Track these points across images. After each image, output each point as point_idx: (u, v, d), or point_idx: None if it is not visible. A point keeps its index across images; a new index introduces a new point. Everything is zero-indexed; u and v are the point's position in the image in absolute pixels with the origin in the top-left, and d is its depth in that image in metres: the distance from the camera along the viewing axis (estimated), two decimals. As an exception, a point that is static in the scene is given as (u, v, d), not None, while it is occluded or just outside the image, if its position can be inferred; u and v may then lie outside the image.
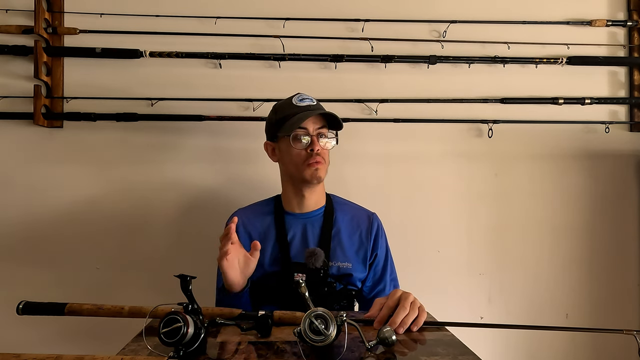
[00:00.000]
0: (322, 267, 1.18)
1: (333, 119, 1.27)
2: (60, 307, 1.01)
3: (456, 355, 0.83)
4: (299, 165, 1.26)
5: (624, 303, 1.82)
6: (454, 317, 1.12)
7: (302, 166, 1.25)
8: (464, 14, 1.75)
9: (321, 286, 1.20)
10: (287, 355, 0.82)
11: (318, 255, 1.17)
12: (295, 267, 1.20)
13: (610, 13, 1.83)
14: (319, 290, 1.19)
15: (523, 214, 1.81)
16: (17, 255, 1.70)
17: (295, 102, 1.28)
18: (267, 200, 1.41)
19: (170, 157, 1.73)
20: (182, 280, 0.85)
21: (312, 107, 1.27)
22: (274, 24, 1.72)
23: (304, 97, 1.30)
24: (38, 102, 1.63)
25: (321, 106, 1.31)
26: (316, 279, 1.18)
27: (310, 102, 1.28)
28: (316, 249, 1.20)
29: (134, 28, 1.68)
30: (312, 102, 1.29)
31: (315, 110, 1.26)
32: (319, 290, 1.19)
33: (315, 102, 1.29)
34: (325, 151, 1.28)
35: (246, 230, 1.32)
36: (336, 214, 1.35)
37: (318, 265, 1.17)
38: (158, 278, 1.69)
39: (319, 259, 1.17)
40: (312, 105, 1.27)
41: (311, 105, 1.27)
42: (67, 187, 1.70)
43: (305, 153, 1.25)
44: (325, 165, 1.28)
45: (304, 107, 1.26)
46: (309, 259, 1.18)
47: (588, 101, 1.76)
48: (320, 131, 1.26)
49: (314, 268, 1.17)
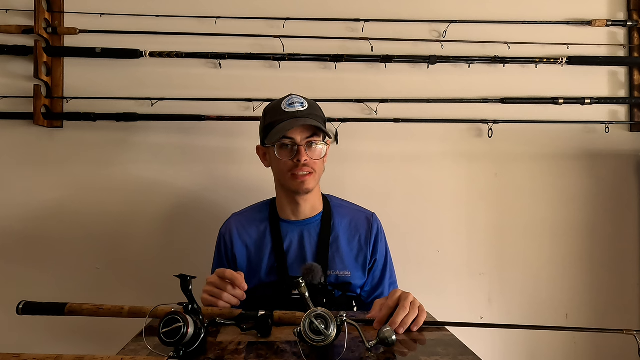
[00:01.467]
0: (320, 283, 1.12)
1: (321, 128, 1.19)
2: (60, 307, 1.01)
3: (456, 355, 0.83)
4: (285, 175, 1.21)
5: (624, 303, 1.82)
6: (454, 317, 1.12)
7: (287, 176, 1.20)
8: (464, 14, 1.75)
9: (320, 297, 1.15)
10: (287, 355, 0.82)
11: (316, 272, 1.12)
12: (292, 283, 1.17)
13: (610, 13, 1.83)
14: (318, 301, 1.14)
15: (523, 214, 1.81)
16: (17, 255, 1.70)
17: (284, 106, 1.20)
18: (262, 206, 1.36)
19: (170, 157, 1.73)
20: (182, 280, 0.85)
21: (300, 114, 1.18)
22: (274, 24, 1.72)
23: (294, 100, 1.21)
24: (38, 102, 1.63)
25: (314, 111, 1.23)
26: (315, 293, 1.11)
27: (300, 107, 1.19)
28: (313, 265, 1.14)
29: (134, 28, 1.68)
30: (302, 107, 1.20)
31: (301, 119, 1.17)
32: (318, 301, 1.14)
33: (305, 107, 1.20)
34: (316, 161, 1.21)
35: (241, 240, 1.29)
36: (334, 219, 1.30)
37: (316, 282, 1.11)
38: (158, 278, 1.69)
39: (317, 275, 1.11)
40: (300, 112, 1.18)
41: (299, 112, 1.18)
42: (67, 187, 1.70)
43: (292, 163, 1.19)
44: (315, 174, 1.22)
45: (292, 113, 1.18)
46: (307, 276, 1.11)
47: (588, 101, 1.76)
48: (310, 140, 1.19)
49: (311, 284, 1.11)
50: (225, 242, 1.31)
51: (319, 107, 1.28)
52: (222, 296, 1.06)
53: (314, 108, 1.25)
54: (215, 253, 1.35)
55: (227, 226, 1.34)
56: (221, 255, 1.32)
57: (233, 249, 1.29)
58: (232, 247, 1.29)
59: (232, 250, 1.29)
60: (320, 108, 1.29)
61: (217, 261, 1.34)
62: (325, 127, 1.23)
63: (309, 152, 1.19)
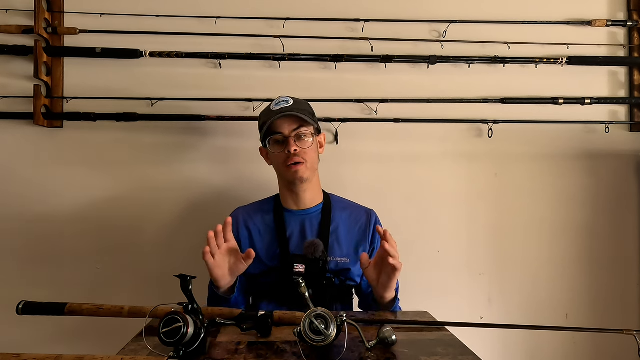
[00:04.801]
0: (321, 258, 1.18)
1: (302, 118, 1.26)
2: (60, 307, 1.01)
3: (456, 355, 0.83)
4: (281, 167, 1.30)
5: (624, 303, 1.82)
6: (454, 317, 1.12)
7: (283, 167, 1.29)
8: (464, 14, 1.75)
9: (320, 278, 1.21)
10: (287, 355, 0.83)
11: (317, 246, 1.18)
12: (295, 258, 1.21)
13: (610, 13, 1.83)
14: (318, 282, 1.20)
15: (523, 214, 1.81)
16: (17, 255, 1.70)
17: (272, 107, 1.30)
18: (268, 199, 1.43)
19: (170, 157, 1.73)
20: (182, 280, 0.85)
21: (284, 110, 1.26)
22: (274, 24, 1.72)
23: (280, 100, 1.30)
24: (38, 102, 1.63)
25: (298, 105, 1.30)
26: (315, 269, 1.18)
27: (285, 104, 1.28)
28: (315, 240, 1.20)
29: (134, 28, 1.68)
30: (287, 104, 1.28)
31: (283, 112, 1.25)
32: (318, 282, 1.20)
33: (290, 104, 1.29)
34: (306, 150, 1.28)
35: (246, 227, 1.35)
36: (334, 211, 1.37)
37: (317, 255, 1.17)
38: (158, 278, 1.69)
39: (318, 249, 1.17)
40: (285, 108, 1.27)
41: (284, 108, 1.27)
42: (67, 187, 1.70)
43: (284, 155, 1.27)
44: (307, 164, 1.28)
45: (277, 110, 1.27)
46: (308, 249, 1.18)
47: (588, 101, 1.76)
48: (298, 132, 1.27)
49: (313, 258, 1.17)
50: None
51: (305, 103, 1.36)
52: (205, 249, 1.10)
53: (299, 103, 1.32)
54: None
55: (234, 214, 1.39)
56: None
57: (238, 236, 1.34)
58: (237, 234, 1.34)
59: (237, 237, 1.33)
60: (309, 104, 1.36)
61: None
62: (311, 118, 1.30)
63: (299, 143, 1.27)
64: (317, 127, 1.32)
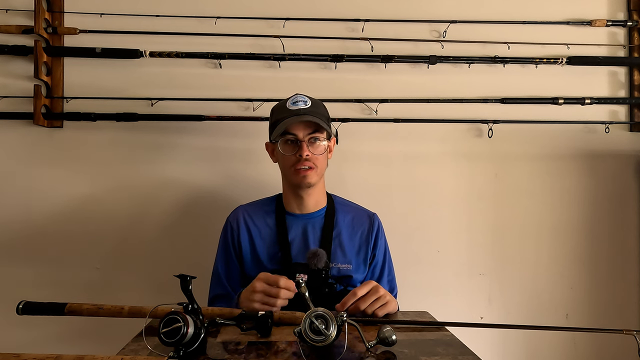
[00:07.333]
0: (324, 268, 1.16)
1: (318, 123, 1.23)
2: (60, 307, 1.01)
3: (456, 355, 0.83)
4: (289, 169, 1.26)
5: (624, 303, 1.82)
6: (454, 317, 1.12)
7: (291, 170, 1.26)
8: (464, 14, 1.75)
9: (322, 287, 1.19)
10: (287, 355, 0.83)
11: (320, 257, 1.15)
12: (297, 268, 1.19)
13: (610, 13, 1.83)
14: (320, 291, 1.18)
15: (523, 214, 1.81)
16: (17, 255, 1.70)
17: (289, 105, 1.26)
18: (269, 199, 1.41)
19: (170, 157, 1.73)
20: (182, 280, 0.85)
21: (303, 112, 1.23)
22: (274, 24, 1.72)
23: (298, 99, 1.27)
24: (38, 102, 1.63)
25: (317, 108, 1.27)
26: (318, 280, 1.16)
27: (304, 105, 1.25)
28: (318, 250, 1.18)
29: (134, 28, 1.68)
30: (305, 105, 1.25)
31: (302, 115, 1.22)
32: (320, 291, 1.18)
33: (308, 105, 1.25)
34: (318, 156, 1.25)
35: (246, 227, 1.33)
36: (337, 215, 1.35)
37: (320, 266, 1.15)
38: (158, 278, 1.69)
39: (321, 260, 1.15)
40: (302, 110, 1.24)
41: (302, 110, 1.23)
42: (67, 187, 1.70)
43: (295, 158, 1.24)
44: (317, 169, 1.26)
45: (295, 111, 1.23)
46: (311, 259, 1.15)
47: (588, 101, 1.76)
48: (313, 136, 1.24)
49: (316, 269, 1.15)
50: (232, 230, 1.34)
51: (322, 106, 1.32)
52: (276, 303, 1.07)
53: (317, 106, 1.29)
54: (221, 241, 1.37)
55: (234, 215, 1.37)
56: (227, 242, 1.35)
57: (239, 237, 1.33)
58: (238, 235, 1.33)
59: (238, 238, 1.33)
60: (325, 106, 1.33)
61: (222, 249, 1.36)
62: (328, 124, 1.27)
63: (311, 148, 1.24)
64: (329, 132, 1.29)
